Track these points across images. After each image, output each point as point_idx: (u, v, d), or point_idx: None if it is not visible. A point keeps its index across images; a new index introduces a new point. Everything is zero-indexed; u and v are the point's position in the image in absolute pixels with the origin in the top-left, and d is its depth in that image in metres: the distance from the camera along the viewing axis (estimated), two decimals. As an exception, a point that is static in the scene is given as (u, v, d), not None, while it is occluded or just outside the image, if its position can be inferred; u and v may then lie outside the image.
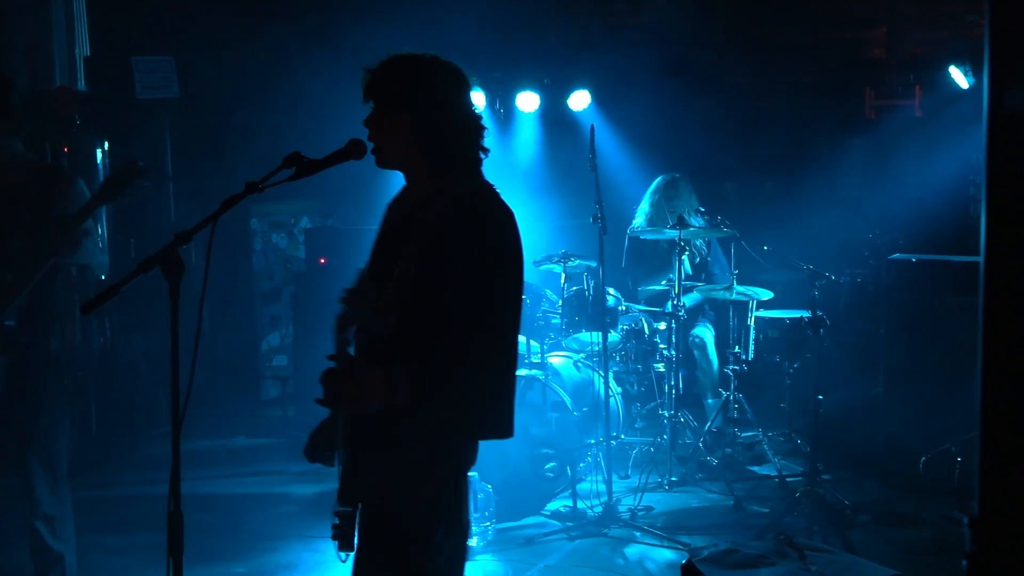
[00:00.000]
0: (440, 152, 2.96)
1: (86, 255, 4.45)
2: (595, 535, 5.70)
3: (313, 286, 7.76)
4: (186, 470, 2.76)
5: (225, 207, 2.79)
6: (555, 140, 8.60)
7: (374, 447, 2.90)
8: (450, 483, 2.95)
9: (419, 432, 2.86)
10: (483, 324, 2.83)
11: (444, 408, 2.84)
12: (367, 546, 2.93)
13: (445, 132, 2.95)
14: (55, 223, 4.32)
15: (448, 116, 2.96)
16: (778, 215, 8.46)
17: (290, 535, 5.84)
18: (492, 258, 2.85)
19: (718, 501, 6.23)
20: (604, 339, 6.06)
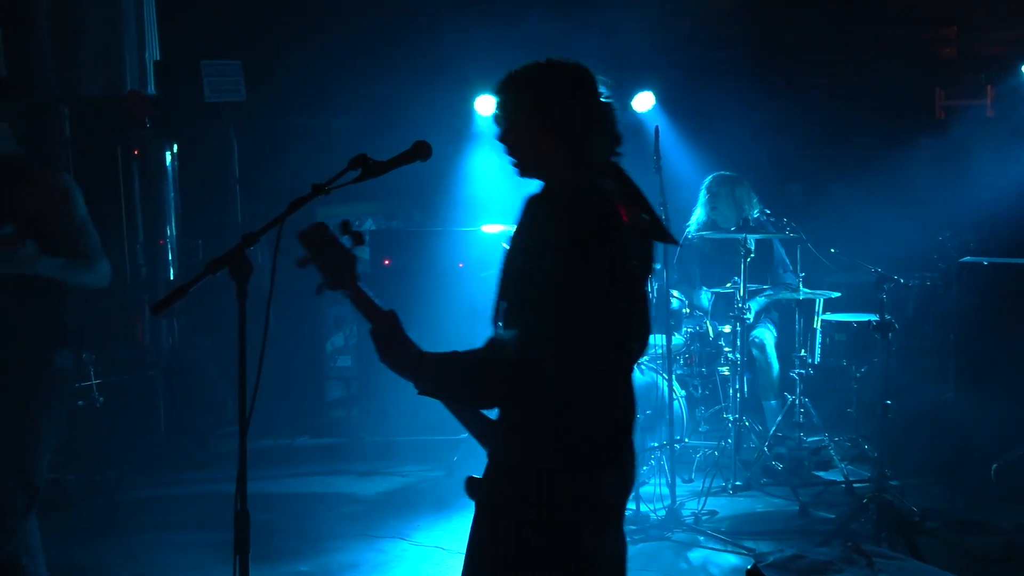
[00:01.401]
0: (562, 155, 2.84)
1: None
2: (658, 539, 5.66)
3: (378, 287, 7.73)
4: (251, 469, 2.79)
5: (292, 208, 2.82)
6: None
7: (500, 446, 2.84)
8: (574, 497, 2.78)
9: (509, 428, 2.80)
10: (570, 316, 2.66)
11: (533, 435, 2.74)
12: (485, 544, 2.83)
13: (578, 132, 2.84)
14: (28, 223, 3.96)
15: (579, 115, 2.85)
16: (845, 217, 8.33)
17: (354, 535, 5.87)
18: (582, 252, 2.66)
19: (783, 506, 6.16)
20: (668, 342, 6.02)
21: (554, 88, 2.86)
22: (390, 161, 2.91)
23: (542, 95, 2.86)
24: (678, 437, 6.31)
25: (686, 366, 6.78)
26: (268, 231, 2.81)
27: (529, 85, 2.88)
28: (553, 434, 2.71)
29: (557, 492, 2.70)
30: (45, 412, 4.09)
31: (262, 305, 2.82)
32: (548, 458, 2.71)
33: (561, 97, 2.86)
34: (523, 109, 2.87)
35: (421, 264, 7.39)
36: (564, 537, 2.70)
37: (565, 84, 2.87)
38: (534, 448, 2.72)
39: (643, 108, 8.31)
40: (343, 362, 8.62)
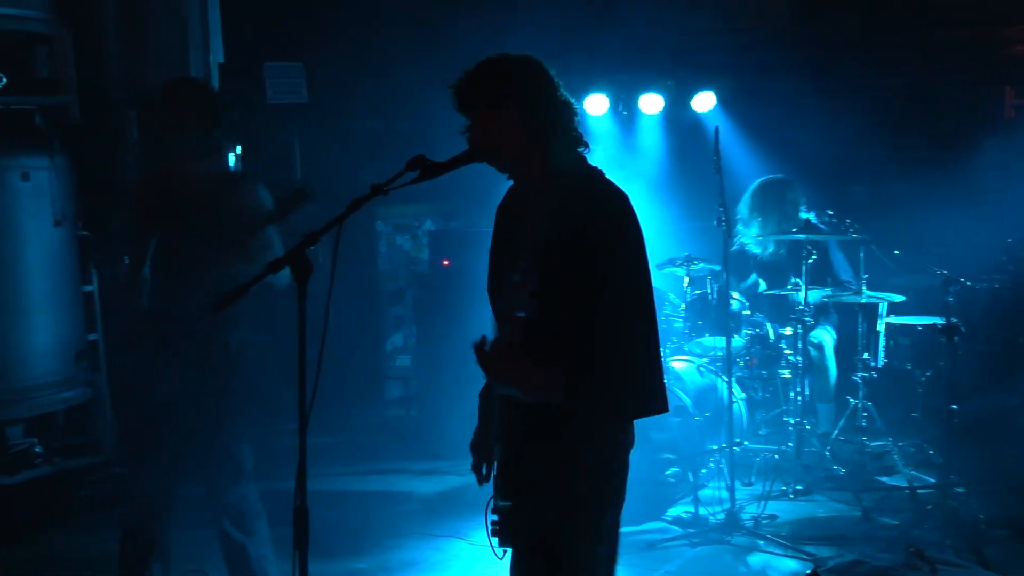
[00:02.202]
0: (549, 141, 3.01)
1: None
2: (717, 542, 5.63)
3: (436, 288, 7.84)
4: (311, 466, 2.82)
5: (351, 209, 2.85)
6: (679, 142, 8.52)
7: (533, 438, 2.96)
8: (613, 467, 3.00)
9: (582, 418, 2.90)
10: (637, 300, 2.92)
11: (604, 390, 2.89)
12: (530, 538, 2.98)
13: (552, 121, 3.01)
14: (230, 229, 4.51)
15: (552, 105, 3.02)
16: (911, 218, 8.21)
17: (412, 533, 5.91)
18: (636, 233, 2.96)
19: (845, 511, 6.08)
20: (728, 343, 5.98)
21: (536, 79, 3.01)
22: (448, 162, 2.94)
23: (527, 86, 2.99)
24: (738, 440, 6.26)
25: (746, 368, 6.73)
26: (328, 231, 2.83)
27: (511, 77, 2.99)
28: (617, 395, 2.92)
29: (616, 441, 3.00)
30: (228, 387, 4.58)
31: (323, 304, 2.85)
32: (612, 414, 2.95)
33: (543, 86, 3.01)
34: (509, 103, 2.97)
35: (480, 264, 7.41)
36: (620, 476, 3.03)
37: (543, 74, 3.03)
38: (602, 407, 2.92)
39: (704, 108, 8.28)
40: (402, 361, 8.68)
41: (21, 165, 6.09)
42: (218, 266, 4.54)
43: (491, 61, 3.02)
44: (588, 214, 2.90)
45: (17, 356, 6.07)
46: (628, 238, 2.93)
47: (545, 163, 3.02)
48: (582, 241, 2.86)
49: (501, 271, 3.11)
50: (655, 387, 2.98)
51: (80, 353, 6.41)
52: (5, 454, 6.14)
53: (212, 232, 4.57)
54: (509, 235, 3.10)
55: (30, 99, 6.30)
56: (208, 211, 4.57)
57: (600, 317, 2.86)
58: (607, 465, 2.99)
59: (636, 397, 2.95)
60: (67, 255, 6.35)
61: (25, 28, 6.23)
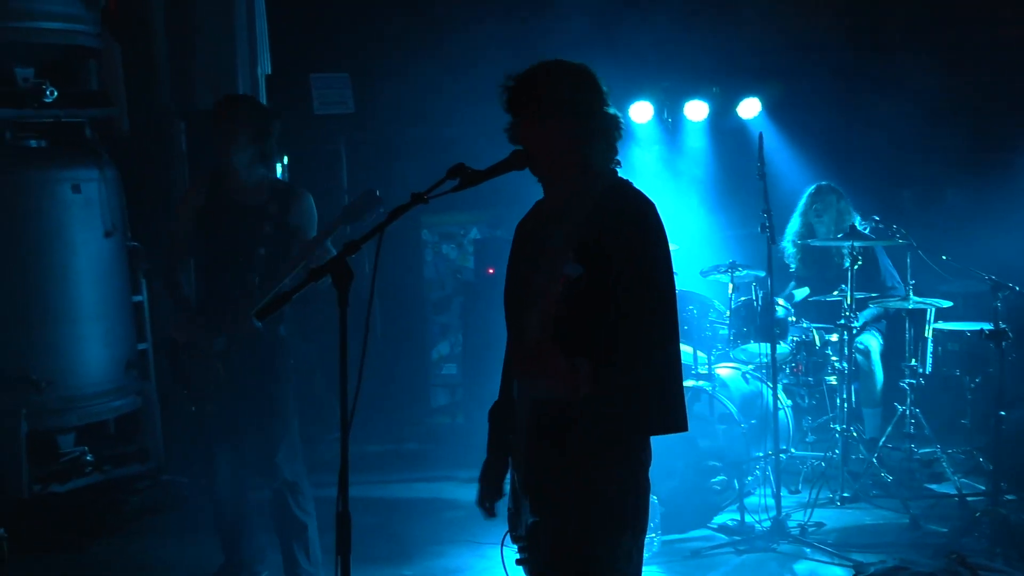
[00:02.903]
0: (591, 152, 3.01)
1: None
2: (763, 550, 5.59)
3: (482, 296, 7.87)
4: (357, 474, 2.85)
5: (392, 217, 2.87)
6: (724, 149, 8.49)
7: (555, 456, 2.94)
8: (632, 483, 2.98)
9: (602, 429, 2.89)
10: (660, 312, 2.90)
11: (626, 402, 2.88)
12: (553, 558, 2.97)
13: (598, 133, 3.00)
14: (291, 232, 4.87)
15: (599, 117, 3.01)
16: (959, 223, 8.12)
17: (458, 540, 5.92)
18: (663, 246, 2.95)
19: (893, 519, 6.02)
20: (773, 350, 5.94)
21: (588, 89, 3.00)
22: (487, 170, 2.95)
23: (578, 96, 2.98)
24: (784, 447, 6.22)
25: (792, 375, 6.68)
26: (369, 239, 2.86)
27: (563, 86, 2.98)
28: (647, 410, 2.92)
29: (637, 459, 2.98)
30: (282, 372, 4.99)
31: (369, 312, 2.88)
32: (632, 428, 2.95)
33: (593, 98, 3.00)
34: (555, 111, 2.96)
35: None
36: (641, 495, 3.00)
37: (594, 85, 3.01)
38: (624, 419, 2.91)
39: (749, 115, 8.25)
40: (448, 369, 8.71)
41: (72, 177, 6.18)
42: (268, 273, 4.79)
43: (543, 67, 3.02)
44: (616, 224, 2.89)
45: (68, 365, 6.16)
46: (655, 249, 2.91)
47: (582, 173, 3.01)
48: (609, 250, 2.85)
49: (520, 285, 3.10)
50: (675, 403, 2.95)
51: (130, 362, 6.49)
52: (57, 462, 6.24)
53: (262, 241, 4.80)
54: (532, 247, 3.09)
55: (80, 112, 6.40)
56: (260, 220, 4.82)
57: (624, 330, 2.84)
58: (627, 482, 2.96)
59: (656, 412, 2.92)
60: (117, 265, 6.44)
61: (76, 42, 6.32)
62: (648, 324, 2.86)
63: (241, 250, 4.84)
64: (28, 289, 6.07)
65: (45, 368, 6.05)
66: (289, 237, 4.87)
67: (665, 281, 2.93)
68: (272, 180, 5.09)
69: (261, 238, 4.83)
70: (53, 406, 6.09)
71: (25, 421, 5.93)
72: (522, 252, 3.17)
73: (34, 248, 6.08)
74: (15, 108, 6.12)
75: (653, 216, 2.95)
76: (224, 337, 4.82)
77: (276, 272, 4.78)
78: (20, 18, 6.09)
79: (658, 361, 2.90)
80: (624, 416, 2.89)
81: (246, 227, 4.85)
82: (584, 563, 2.93)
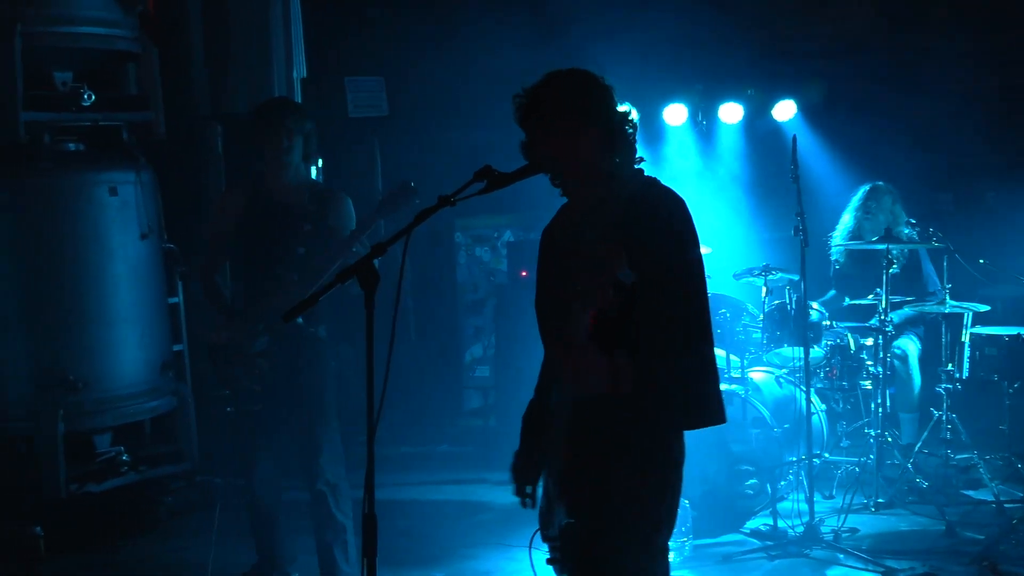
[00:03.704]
0: (616, 156, 3.05)
1: None
2: (796, 555, 5.55)
3: (515, 298, 7.86)
4: (389, 475, 2.87)
5: (419, 220, 2.89)
6: (758, 151, 8.45)
7: (594, 454, 2.97)
8: (668, 483, 3.01)
9: (640, 429, 2.92)
10: (696, 306, 2.95)
11: (666, 396, 2.91)
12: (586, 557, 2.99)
13: (619, 135, 3.04)
14: (329, 231, 4.92)
15: (619, 120, 3.06)
16: (999, 227, 8.04)
17: (489, 543, 5.93)
18: (695, 241, 3.00)
19: (928, 525, 5.95)
20: (806, 354, 5.90)
21: (606, 94, 3.05)
22: (515, 172, 2.97)
23: (602, 102, 3.03)
24: (817, 452, 6.17)
25: (827, 379, 6.63)
26: (396, 241, 2.87)
27: (588, 93, 3.03)
28: (685, 404, 2.97)
29: (672, 457, 3.02)
30: (324, 373, 5.05)
31: (402, 314, 2.89)
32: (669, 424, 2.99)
33: (612, 102, 3.05)
34: (579, 117, 3.00)
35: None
36: (675, 495, 3.04)
37: (608, 90, 3.06)
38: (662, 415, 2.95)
39: (784, 117, 8.20)
40: (481, 372, 8.71)
41: (109, 180, 6.25)
42: (306, 272, 4.86)
43: (560, 76, 3.05)
44: (649, 223, 2.92)
45: (105, 366, 6.23)
46: (687, 245, 2.96)
47: (609, 175, 3.05)
48: (642, 248, 2.86)
49: (555, 289, 3.12)
50: (713, 396, 2.98)
51: (166, 363, 6.55)
52: (93, 462, 6.30)
53: (302, 240, 4.89)
54: (564, 251, 3.11)
55: (118, 115, 6.47)
56: (300, 220, 4.90)
57: (659, 326, 2.87)
58: (663, 481, 2.99)
59: (695, 405, 2.95)
60: (153, 267, 6.50)
61: (114, 47, 6.39)
62: (683, 319, 2.91)
63: (280, 249, 4.92)
64: (65, 291, 6.14)
65: (82, 369, 6.12)
66: (327, 238, 4.94)
67: (698, 276, 2.97)
68: (311, 182, 5.17)
69: (300, 237, 4.91)
70: (90, 407, 6.16)
71: (62, 421, 6.00)
72: (552, 257, 3.19)
73: (71, 250, 6.15)
74: (54, 112, 6.20)
75: (684, 212, 2.99)
76: (266, 337, 4.87)
77: (314, 270, 4.85)
78: (60, 23, 6.17)
79: (694, 355, 2.94)
80: (662, 412, 2.92)
81: (286, 227, 4.93)
82: (621, 564, 2.95)
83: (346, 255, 4.80)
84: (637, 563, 2.96)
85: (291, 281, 4.86)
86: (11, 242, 6.11)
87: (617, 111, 3.05)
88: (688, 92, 8.27)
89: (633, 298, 2.84)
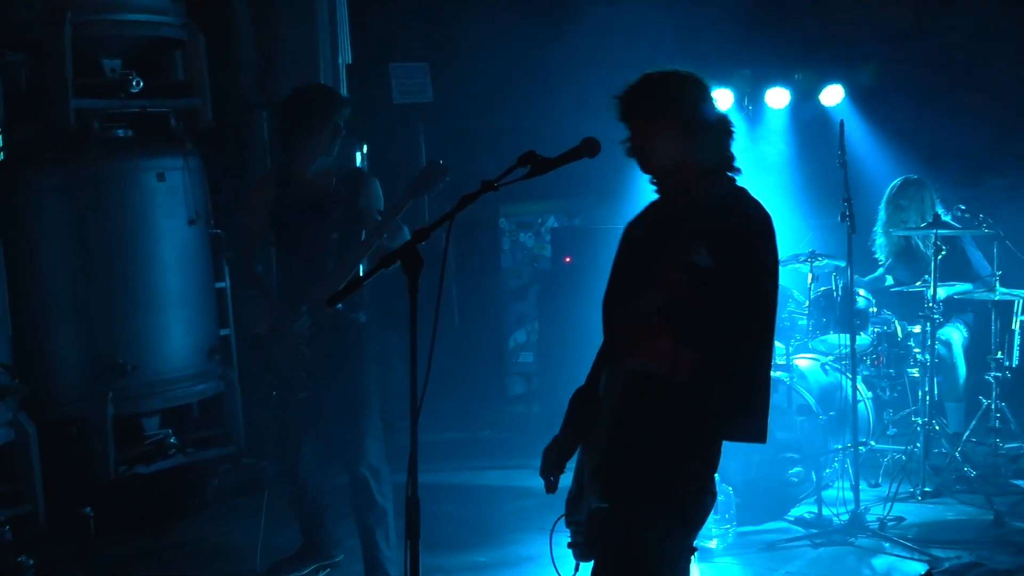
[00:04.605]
0: (703, 161, 3.05)
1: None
2: (840, 544, 5.52)
3: (558, 285, 7.86)
4: (433, 461, 2.89)
5: (461, 205, 2.89)
6: (805, 137, 8.37)
7: (637, 444, 2.97)
8: (703, 483, 3.01)
9: (686, 429, 2.93)
10: (760, 324, 2.95)
11: (715, 399, 2.90)
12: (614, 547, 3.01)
13: (708, 141, 3.04)
14: (360, 214, 4.96)
15: (710, 126, 3.05)
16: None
17: (531, 528, 5.93)
18: (773, 259, 2.98)
19: (976, 515, 5.89)
20: (852, 341, 5.85)
21: (695, 96, 3.05)
22: (558, 158, 2.96)
23: (686, 102, 3.03)
24: (863, 440, 6.13)
25: (873, 367, 6.58)
26: (439, 227, 2.88)
27: (672, 93, 3.03)
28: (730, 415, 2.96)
29: (712, 459, 3.04)
30: (366, 359, 5.08)
31: (447, 300, 2.90)
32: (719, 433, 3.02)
33: (705, 107, 3.05)
34: (672, 121, 3.01)
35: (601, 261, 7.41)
36: (710, 496, 3.06)
37: (705, 94, 3.07)
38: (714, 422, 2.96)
39: (832, 102, 8.11)
40: (525, 358, 8.72)
41: (157, 166, 6.31)
42: (343, 257, 4.91)
43: (658, 77, 3.07)
44: (730, 234, 2.90)
45: (153, 350, 6.30)
46: (764, 262, 2.94)
47: (698, 180, 3.05)
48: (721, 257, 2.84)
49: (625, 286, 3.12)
50: (760, 413, 2.98)
51: (213, 348, 6.62)
52: (142, 444, 6.39)
53: (335, 226, 4.92)
54: (644, 249, 3.08)
55: (165, 102, 6.53)
56: (331, 205, 4.93)
57: (723, 334, 2.87)
58: (700, 482, 3.01)
59: (741, 417, 2.96)
60: (200, 252, 6.56)
61: (161, 33, 6.45)
62: (747, 332, 2.91)
63: (315, 237, 4.95)
64: (114, 276, 6.22)
65: (131, 353, 6.20)
66: (358, 220, 4.98)
67: (770, 293, 2.96)
68: (339, 165, 5.16)
69: (333, 223, 4.95)
70: (138, 390, 6.24)
71: (112, 404, 6.08)
72: (631, 252, 3.20)
73: (120, 235, 6.22)
74: (103, 99, 6.26)
75: (767, 227, 2.98)
76: (308, 323, 4.90)
77: (351, 257, 4.88)
78: (108, 11, 6.23)
79: (754, 367, 2.95)
80: (707, 418, 2.93)
81: (318, 214, 4.96)
82: (646, 555, 2.96)
83: (381, 238, 4.82)
84: (660, 555, 2.97)
85: (330, 268, 4.90)
86: (61, 228, 6.20)
87: (703, 110, 3.05)
88: (735, 77, 8.21)
89: (706, 285, 2.83)
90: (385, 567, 5.00)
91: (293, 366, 4.95)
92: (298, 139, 4.96)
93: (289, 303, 4.99)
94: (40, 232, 6.20)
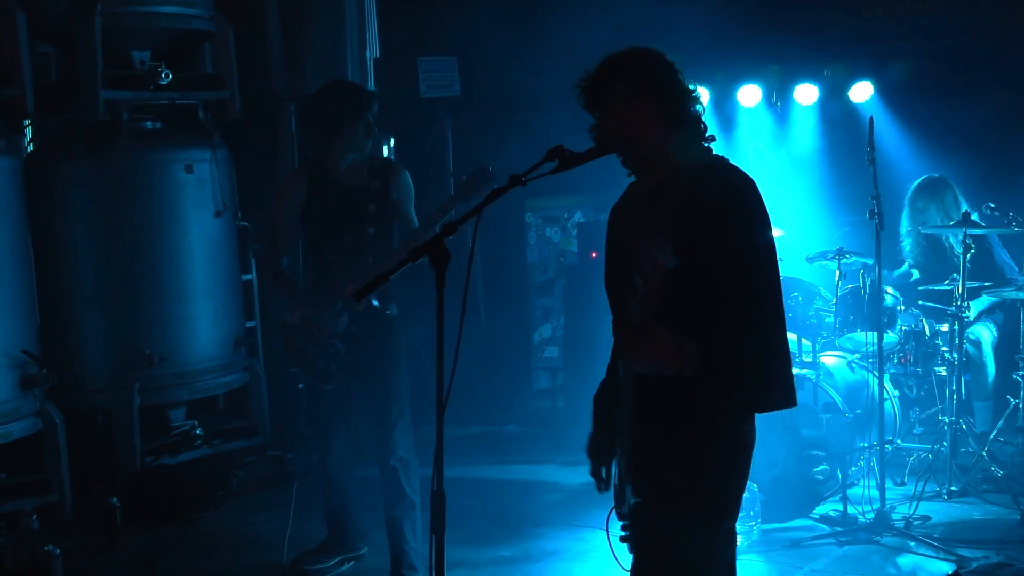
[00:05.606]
0: (681, 131, 3.02)
1: None
2: (866, 542, 5.49)
3: (584, 279, 7.85)
4: (459, 455, 2.88)
5: (489, 199, 2.89)
6: (834, 133, 8.32)
7: (660, 433, 2.96)
8: (735, 466, 2.98)
9: (708, 412, 2.91)
10: (761, 290, 2.90)
11: (732, 380, 2.87)
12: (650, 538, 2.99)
13: (683, 111, 3.02)
14: (393, 206, 5.00)
15: (683, 95, 3.03)
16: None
17: (556, 523, 5.94)
18: (761, 221, 2.94)
19: (1003, 514, 5.84)
20: (879, 339, 5.81)
21: (666, 69, 3.02)
22: (585, 153, 2.95)
23: (660, 77, 3.01)
24: (889, 438, 6.09)
25: (900, 365, 6.53)
26: (467, 221, 2.87)
27: (644, 69, 3.01)
28: (754, 387, 2.92)
29: (740, 437, 2.98)
30: (396, 352, 5.10)
31: (471, 294, 2.90)
32: (739, 404, 2.95)
33: (673, 77, 3.02)
34: (643, 92, 2.98)
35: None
36: (741, 478, 3.01)
37: (670, 65, 3.03)
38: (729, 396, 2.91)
39: (861, 99, 8.06)
40: (550, 352, 8.72)
41: (185, 158, 6.36)
42: (380, 252, 4.93)
43: (621, 55, 3.05)
44: (715, 204, 2.88)
45: (180, 341, 6.35)
46: (754, 226, 2.91)
47: (675, 155, 3.02)
48: (708, 231, 2.84)
49: (620, 267, 3.11)
50: (782, 380, 2.94)
51: (239, 339, 6.65)
52: (168, 435, 6.43)
53: (369, 220, 4.93)
54: (631, 229, 3.08)
55: (194, 94, 6.57)
56: (364, 200, 4.94)
57: (728, 308, 2.84)
58: (731, 463, 2.96)
59: (762, 389, 2.92)
60: (227, 244, 6.60)
61: (191, 26, 6.49)
62: (751, 302, 2.86)
63: (351, 232, 4.96)
64: (142, 267, 6.27)
65: (157, 344, 6.25)
66: (392, 213, 5.01)
67: (766, 259, 2.92)
68: (369, 158, 5.16)
69: (368, 217, 4.95)
70: (165, 381, 6.29)
71: (138, 395, 6.13)
72: (619, 234, 3.18)
73: (148, 226, 6.27)
74: (132, 91, 6.31)
75: (751, 193, 2.94)
76: (347, 316, 4.93)
77: (389, 253, 4.91)
78: (138, 3, 6.28)
79: (761, 338, 2.88)
80: (731, 394, 2.89)
81: (353, 209, 4.97)
82: (683, 546, 2.94)
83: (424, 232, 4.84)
84: (700, 546, 2.95)
85: (367, 263, 4.90)
86: (90, 218, 6.25)
87: (677, 83, 3.02)
88: (763, 73, 8.17)
89: (685, 282, 2.81)
90: (411, 558, 5.01)
91: (326, 358, 4.96)
92: (330, 136, 4.96)
93: (324, 297, 5.01)
94: (68, 223, 6.25)
